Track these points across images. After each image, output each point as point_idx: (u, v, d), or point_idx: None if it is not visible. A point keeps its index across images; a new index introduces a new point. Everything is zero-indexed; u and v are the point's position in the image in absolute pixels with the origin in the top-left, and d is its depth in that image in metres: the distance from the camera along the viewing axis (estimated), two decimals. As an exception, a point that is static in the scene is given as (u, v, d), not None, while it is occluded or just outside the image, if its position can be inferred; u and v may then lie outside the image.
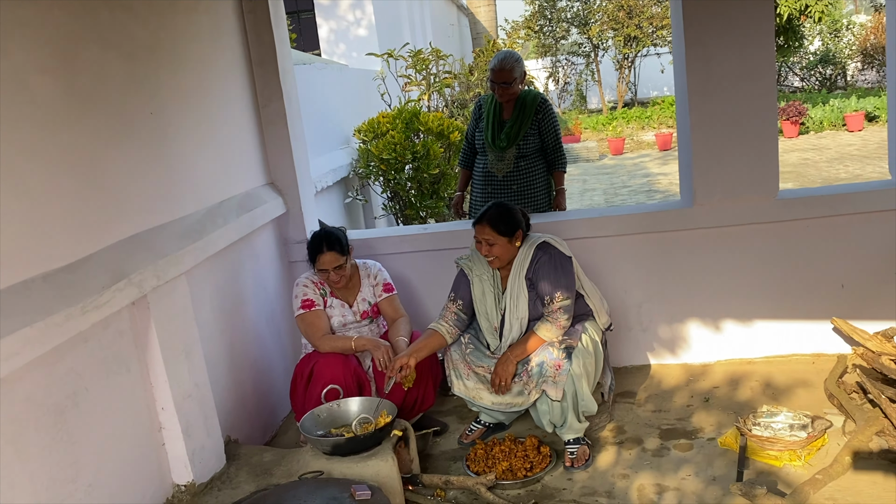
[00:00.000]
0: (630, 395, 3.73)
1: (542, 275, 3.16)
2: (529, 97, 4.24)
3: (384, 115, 5.94)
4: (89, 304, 2.19)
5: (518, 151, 4.22)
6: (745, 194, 3.69)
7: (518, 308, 3.22)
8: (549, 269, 3.16)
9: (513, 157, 4.22)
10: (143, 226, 2.65)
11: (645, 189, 10.64)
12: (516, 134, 4.19)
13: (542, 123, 4.24)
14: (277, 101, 3.87)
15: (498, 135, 4.22)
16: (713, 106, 3.62)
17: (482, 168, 4.35)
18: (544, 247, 3.21)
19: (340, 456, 2.79)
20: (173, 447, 2.67)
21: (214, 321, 3.19)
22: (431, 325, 3.32)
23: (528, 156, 4.25)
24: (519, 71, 4.17)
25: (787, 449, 2.96)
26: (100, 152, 2.45)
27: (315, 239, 3.40)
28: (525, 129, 4.19)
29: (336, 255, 3.34)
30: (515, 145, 4.20)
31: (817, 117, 14.72)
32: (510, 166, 4.23)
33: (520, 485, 3.02)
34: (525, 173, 4.26)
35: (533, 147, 4.25)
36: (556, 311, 3.13)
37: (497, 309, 3.29)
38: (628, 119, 17.73)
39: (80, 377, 2.24)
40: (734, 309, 3.89)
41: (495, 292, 3.30)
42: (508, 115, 4.24)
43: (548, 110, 4.27)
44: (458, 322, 3.32)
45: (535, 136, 4.24)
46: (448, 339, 3.28)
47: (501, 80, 4.13)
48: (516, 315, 3.23)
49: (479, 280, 3.31)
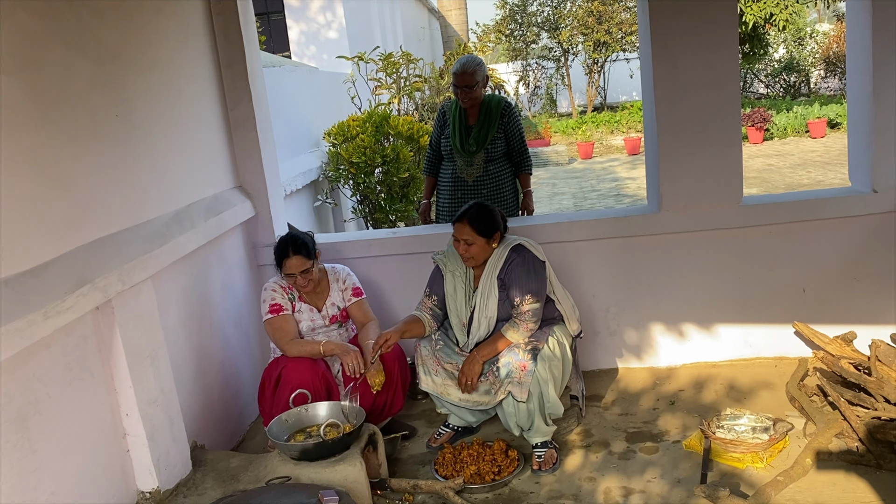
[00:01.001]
0: (597, 399, 3.77)
1: (514, 277, 3.19)
2: (494, 101, 4.29)
3: (354, 118, 5.93)
4: (52, 310, 2.15)
5: (486, 155, 4.26)
6: (710, 200, 3.75)
7: (487, 307, 3.24)
8: (521, 272, 3.18)
9: (482, 162, 4.26)
10: (109, 229, 2.61)
11: (613, 193, 10.74)
12: (484, 138, 4.23)
13: (508, 127, 4.30)
14: (246, 103, 3.84)
15: (466, 140, 4.26)
16: (679, 113, 3.67)
17: (450, 174, 4.38)
18: (519, 249, 3.24)
19: (308, 461, 2.78)
20: (138, 453, 2.64)
21: (181, 325, 3.16)
22: (413, 313, 3.36)
23: (496, 159, 4.30)
24: (481, 74, 4.21)
25: (750, 451, 3.01)
26: (64, 155, 2.42)
27: (281, 243, 3.38)
28: (492, 132, 4.24)
29: (302, 259, 3.32)
30: (484, 149, 4.24)
31: (781, 124, 15.00)
32: (479, 170, 4.27)
33: (488, 488, 3.04)
34: (494, 177, 4.30)
35: (500, 150, 4.29)
36: (524, 313, 3.16)
37: (467, 306, 3.32)
38: (598, 123, 17.88)
39: (43, 383, 2.20)
40: (699, 313, 3.95)
41: (466, 289, 3.32)
42: (474, 120, 4.28)
43: (512, 114, 4.33)
44: (434, 316, 3.37)
45: (502, 140, 4.29)
46: (427, 328, 3.33)
47: (464, 83, 4.17)
48: (485, 313, 3.25)
49: (451, 276, 3.34)
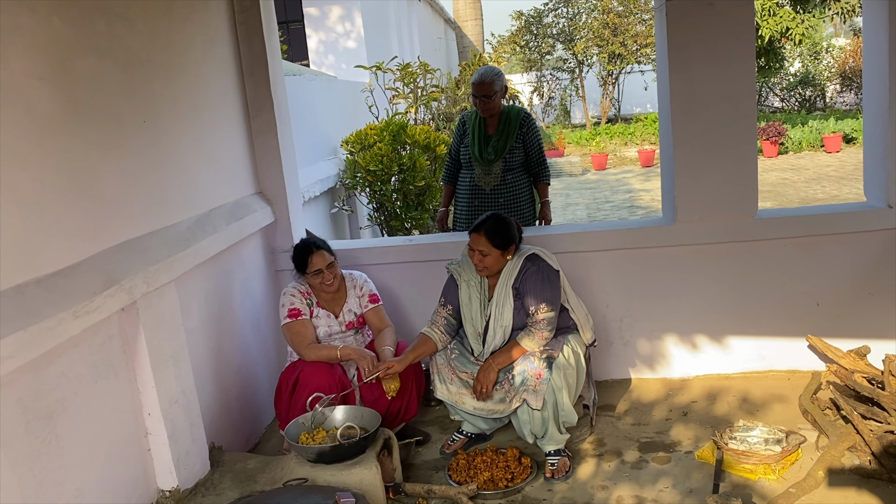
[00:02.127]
0: (610, 409, 3.80)
1: (529, 286, 3.22)
2: (513, 111, 4.35)
3: (372, 126, 6.00)
4: (81, 310, 2.21)
5: (504, 165, 4.32)
6: (725, 213, 3.78)
7: (503, 316, 3.28)
8: (535, 281, 3.22)
9: (500, 171, 4.32)
10: (135, 232, 2.68)
11: (627, 205, 10.76)
12: (503, 147, 4.29)
13: (527, 137, 4.36)
14: (268, 111, 3.91)
15: (485, 149, 4.32)
16: (695, 126, 3.71)
17: (468, 182, 4.43)
18: (533, 258, 3.27)
19: (325, 463, 2.82)
20: (159, 452, 2.69)
21: (202, 328, 3.22)
22: (424, 330, 3.38)
23: (514, 169, 4.36)
24: (499, 85, 4.27)
25: (762, 463, 3.03)
26: (94, 159, 2.48)
27: (302, 244, 3.46)
28: (511, 142, 4.30)
29: (325, 253, 3.42)
30: (502, 158, 4.31)
31: (796, 138, 14.98)
32: (497, 179, 4.33)
33: (501, 495, 3.07)
34: (511, 186, 4.35)
35: (518, 160, 4.35)
36: (539, 322, 3.19)
37: (482, 315, 3.35)
38: (611, 135, 17.91)
39: (70, 381, 2.26)
40: (713, 325, 3.97)
41: (481, 299, 3.36)
42: (493, 130, 4.35)
43: (531, 124, 4.39)
44: (448, 327, 3.38)
45: (520, 150, 4.35)
46: (439, 345, 3.35)
47: (482, 93, 4.24)
48: (500, 323, 3.29)
49: (466, 286, 3.37)
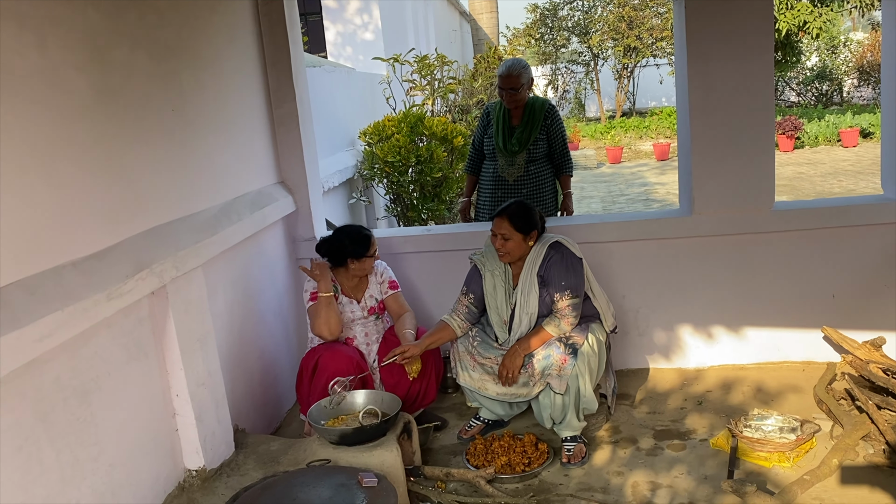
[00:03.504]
0: (626, 398, 3.84)
1: (553, 273, 3.27)
2: (538, 103, 4.39)
3: (389, 118, 6.05)
4: (114, 292, 2.28)
5: (528, 156, 4.37)
6: (741, 205, 3.81)
7: (528, 303, 3.33)
8: (559, 268, 3.27)
9: (523, 162, 4.36)
10: (164, 218, 2.75)
11: (642, 198, 10.77)
12: (527, 139, 4.33)
13: (551, 129, 4.39)
14: (290, 102, 3.97)
15: (509, 140, 4.36)
16: (713, 118, 3.74)
17: (491, 173, 4.48)
18: (557, 246, 3.32)
19: (347, 446, 2.88)
20: (186, 433, 2.76)
21: (227, 313, 3.29)
22: (443, 318, 3.44)
23: (538, 160, 4.40)
24: (526, 77, 4.31)
25: (777, 451, 3.07)
26: (126, 146, 2.55)
27: (359, 233, 3.49)
28: (535, 133, 4.34)
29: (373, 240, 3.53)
30: (526, 150, 4.35)
31: (813, 132, 14.90)
32: (521, 170, 4.37)
33: (518, 479, 3.12)
34: (534, 177, 4.40)
35: (542, 151, 4.39)
36: (564, 308, 3.24)
37: (507, 304, 3.40)
38: (626, 128, 17.88)
39: (104, 362, 2.33)
40: (728, 316, 4.01)
41: (506, 287, 3.40)
42: (518, 121, 4.38)
43: (555, 116, 4.43)
44: (469, 315, 3.44)
45: (544, 141, 4.39)
46: (458, 332, 3.41)
47: (509, 85, 4.27)
48: (526, 310, 3.34)
49: (490, 275, 3.42)
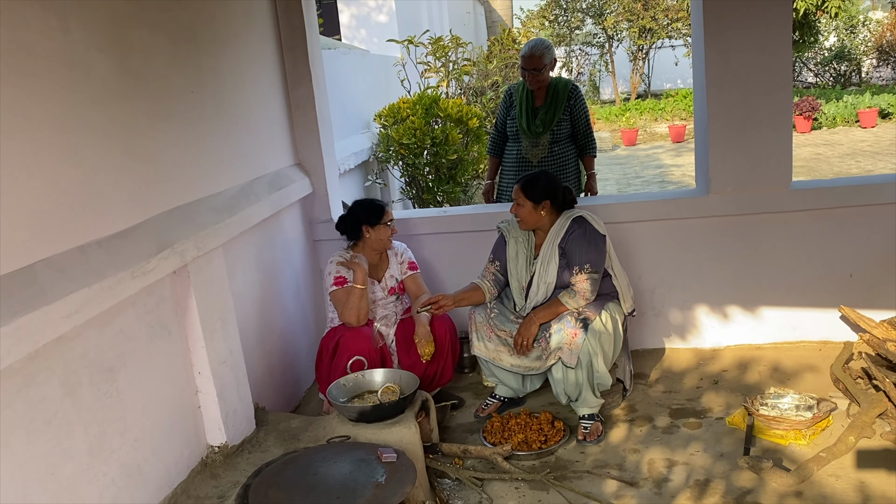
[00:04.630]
0: (642, 377, 3.86)
1: (574, 246, 3.32)
2: (561, 84, 4.39)
3: (404, 100, 6.06)
4: (138, 270, 2.32)
5: (552, 137, 4.38)
6: (758, 184, 3.80)
7: (547, 272, 3.38)
8: (581, 242, 3.32)
9: (547, 143, 4.37)
10: (185, 199, 2.78)
11: (658, 180, 10.72)
12: (551, 119, 4.34)
13: (574, 109, 4.40)
14: (306, 84, 3.99)
15: (533, 121, 4.36)
16: (730, 97, 3.72)
17: (515, 154, 4.48)
18: (580, 221, 3.38)
19: (366, 423, 2.92)
20: (208, 410, 2.81)
21: (246, 293, 3.33)
22: (475, 281, 3.54)
23: (561, 141, 4.41)
24: (549, 58, 4.30)
25: (793, 428, 3.08)
26: (147, 127, 2.58)
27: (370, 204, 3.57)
28: (559, 114, 4.34)
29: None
30: (549, 131, 4.35)
31: (830, 113, 14.74)
32: (545, 151, 4.38)
33: (534, 456, 3.16)
34: (559, 158, 4.41)
35: (565, 132, 4.40)
36: (582, 281, 3.28)
37: (527, 271, 3.47)
38: (641, 110, 17.74)
39: (129, 339, 2.38)
40: (744, 295, 4.00)
41: (528, 255, 3.48)
42: (541, 102, 4.38)
43: (579, 96, 4.43)
44: (496, 282, 3.54)
45: (567, 122, 4.40)
46: (487, 295, 3.50)
47: (532, 66, 4.27)
48: (545, 279, 3.39)
49: (514, 241, 3.51)
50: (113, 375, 2.29)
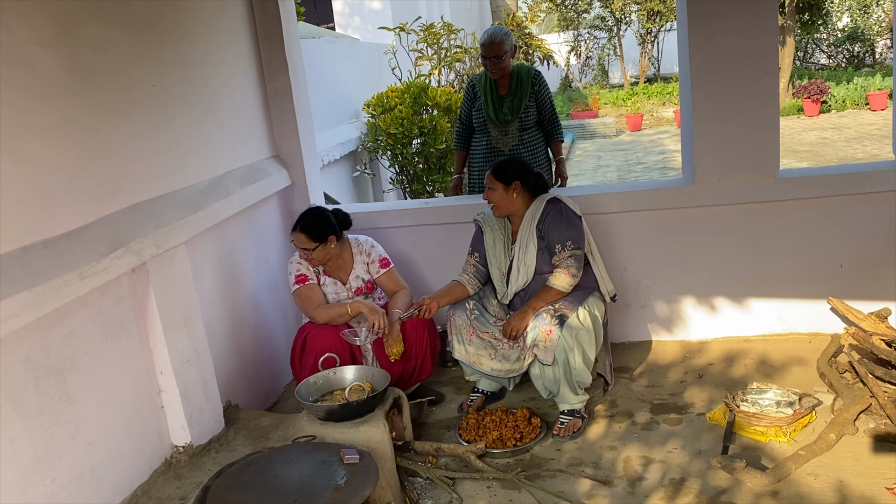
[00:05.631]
0: (626, 371, 3.78)
1: (553, 226, 3.29)
2: (524, 70, 4.32)
3: (393, 89, 5.97)
4: (87, 271, 2.27)
5: (521, 124, 4.32)
6: (745, 173, 3.70)
7: (527, 255, 3.34)
8: (559, 220, 3.29)
9: (516, 131, 4.31)
10: (144, 195, 2.72)
11: (660, 166, 10.59)
12: (518, 106, 4.27)
13: (539, 95, 4.35)
14: (283, 74, 3.92)
15: (500, 110, 4.28)
16: (715, 84, 3.61)
17: (484, 145, 4.41)
18: (555, 201, 3.36)
19: (334, 421, 2.87)
20: (172, 410, 2.77)
21: (216, 290, 3.28)
22: (455, 278, 3.50)
23: (530, 128, 4.36)
24: (509, 44, 4.22)
25: (773, 425, 3.00)
26: (101, 123, 2.52)
27: (300, 215, 3.39)
28: (525, 101, 4.28)
29: (305, 238, 3.29)
30: (518, 118, 4.28)
31: (840, 96, 14.49)
32: (515, 139, 4.32)
33: (509, 453, 3.10)
34: (529, 145, 4.35)
35: (533, 119, 4.35)
36: (565, 259, 3.24)
37: (506, 256, 3.44)
38: (649, 95, 17.55)
39: (80, 340, 2.33)
40: (733, 287, 3.91)
41: (505, 241, 3.45)
42: (505, 91, 4.30)
43: (542, 82, 4.38)
44: (477, 274, 3.50)
45: (534, 108, 4.34)
46: (470, 289, 3.46)
47: (493, 53, 4.18)
48: (524, 261, 3.35)
49: (490, 230, 3.48)
50: (62, 378, 2.24)
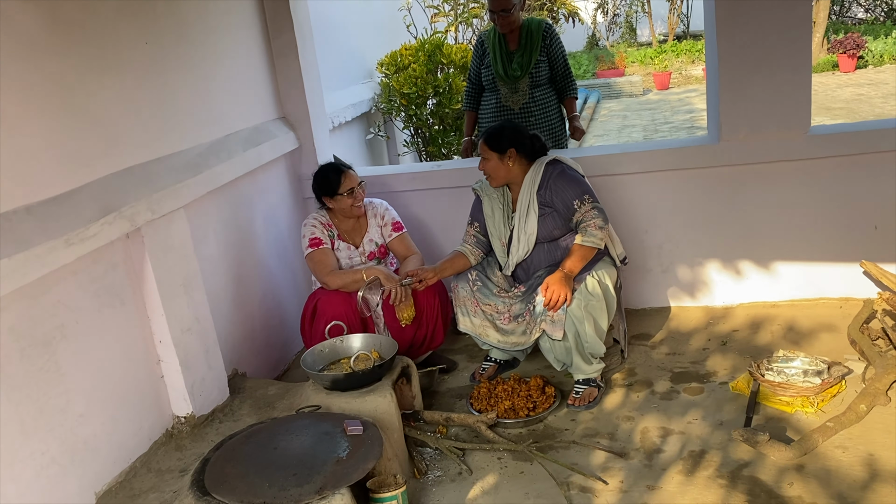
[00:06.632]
0: (645, 338, 3.65)
1: (559, 186, 3.12)
2: (534, 24, 4.12)
3: (407, 47, 5.77)
4: (74, 237, 2.18)
5: (531, 81, 4.13)
6: (774, 129, 3.49)
7: (527, 223, 3.18)
8: (566, 179, 3.13)
9: (527, 88, 4.12)
10: (138, 159, 2.62)
11: (687, 125, 10.27)
12: (528, 62, 4.08)
13: (551, 49, 4.15)
14: (288, 32, 3.77)
15: (509, 66, 4.10)
16: (743, 35, 3.39)
17: (494, 104, 4.24)
18: (554, 162, 3.19)
19: (340, 391, 2.79)
20: (172, 379, 2.70)
21: (220, 256, 3.19)
22: (456, 248, 3.37)
23: (541, 85, 4.17)
24: None
25: (800, 395, 2.85)
26: (90, 84, 2.41)
27: (328, 167, 3.36)
28: (535, 56, 4.09)
29: (353, 173, 3.35)
30: (528, 74, 4.10)
31: (877, 50, 13.91)
32: (526, 97, 4.14)
33: (522, 424, 2.99)
34: (541, 103, 4.17)
35: (544, 75, 4.16)
36: (588, 211, 3.07)
37: (506, 226, 3.28)
38: (678, 53, 17.01)
39: (70, 309, 2.25)
40: (760, 250, 3.74)
41: (505, 210, 3.29)
42: (515, 46, 4.12)
43: (554, 35, 4.18)
44: (478, 244, 3.36)
45: (545, 64, 4.15)
46: (472, 259, 3.32)
47: (500, 7, 3.99)
48: (525, 230, 3.19)
49: (488, 199, 3.32)
50: (51, 349, 2.16)
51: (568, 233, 3.21)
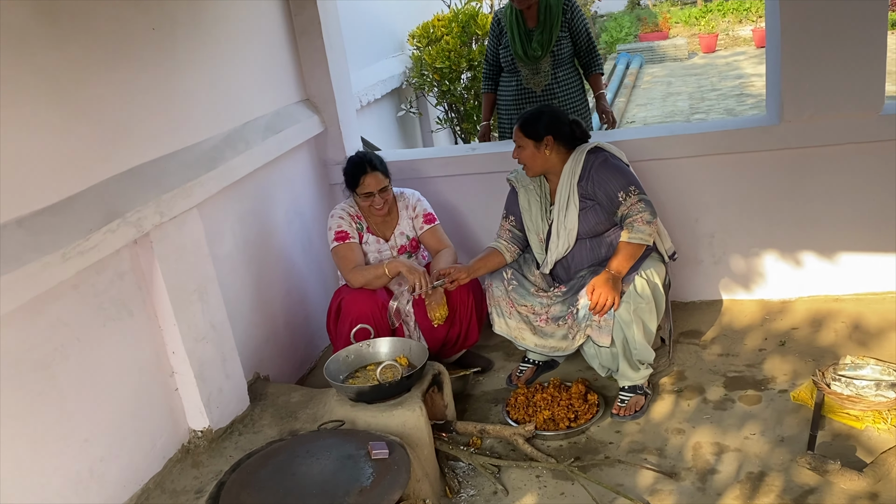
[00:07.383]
0: (695, 335, 3.38)
1: (602, 177, 2.86)
2: None
3: (439, 17, 5.46)
4: (72, 251, 1.99)
5: (553, 60, 3.87)
6: (842, 109, 3.16)
7: (567, 218, 2.92)
8: (609, 169, 2.86)
9: (549, 68, 3.86)
10: (144, 157, 2.41)
11: (735, 93, 9.78)
12: (549, 40, 3.81)
13: (573, 24, 3.89)
14: (311, 6, 3.52)
15: (528, 45, 3.82)
16: (810, 2, 3.05)
17: (514, 87, 3.97)
18: (596, 150, 2.93)
19: (366, 403, 2.60)
20: (187, 392, 2.53)
21: (238, 255, 3.00)
22: (491, 244, 3.14)
23: (564, 63, 3.91)
24: None
25: (872, 409, 2.58)
26: (88, 78, 2.20)
27: (357, 160, 3.13)
28: (556, 32, 3.82)
29: (380, 176, 3.09)
30: (549, 53, 3.83)
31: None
32: (548, 78, 3.87)
33: (562, 436, 2.78)
34: (564, 84, 3.90)
35: (567, 52, 3.90)
36: (635, 204, 2.80)
37: (544, 220, 3.03)
38: (724, 12, 16.29)
39: (69, 328, 2.07)
40: (822, 240, 3.43)
41: (542, 203, 3.04)
42: (534, 23, 3.84)
43: (575, 8, 3.90)
44: (514, 239, 3.11)
45: (567, 40, 3.89)
46: (507, 256, 3.08)
47: None
48: (564, 225, 2.94)
49: (524, 191, 3.07)
50: (50, 372, 2.00)
51: (612, 227, 2.95)
